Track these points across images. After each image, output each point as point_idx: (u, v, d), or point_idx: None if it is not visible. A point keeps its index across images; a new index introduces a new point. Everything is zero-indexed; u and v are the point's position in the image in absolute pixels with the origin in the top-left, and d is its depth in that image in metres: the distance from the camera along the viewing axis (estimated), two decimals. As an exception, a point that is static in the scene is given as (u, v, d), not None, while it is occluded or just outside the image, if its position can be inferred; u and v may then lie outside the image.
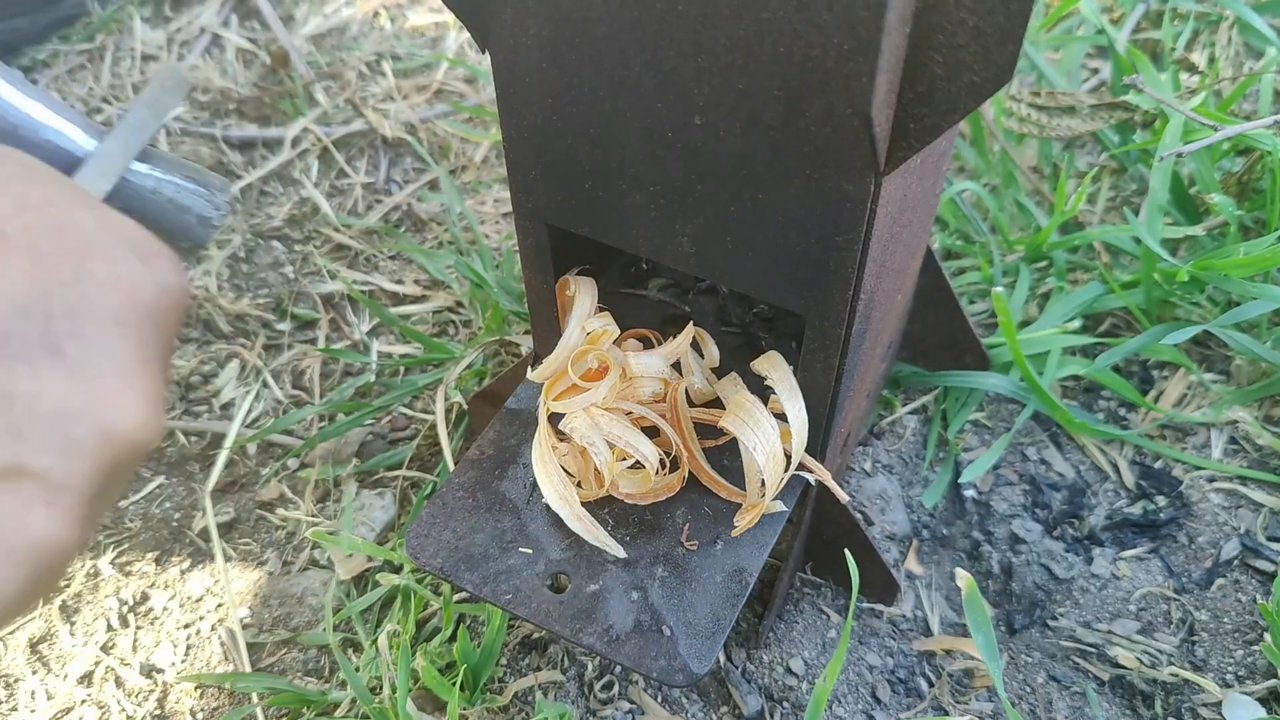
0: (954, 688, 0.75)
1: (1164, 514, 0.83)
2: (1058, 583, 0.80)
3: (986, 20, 0.40)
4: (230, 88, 1.29)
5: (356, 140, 1.23)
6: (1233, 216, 0.90)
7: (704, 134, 0.50)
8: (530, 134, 0.56)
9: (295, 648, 0.79)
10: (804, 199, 0.50)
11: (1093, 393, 0.93)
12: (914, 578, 0.81)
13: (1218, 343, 0.93)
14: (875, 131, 0.44)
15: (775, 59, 0.44)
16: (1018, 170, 1.04)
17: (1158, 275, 0.90)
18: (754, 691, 0.74)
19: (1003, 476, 0.87)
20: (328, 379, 0.98)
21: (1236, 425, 0.88)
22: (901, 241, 0.62)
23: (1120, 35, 1.12)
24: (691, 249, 0.56)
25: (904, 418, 0.91)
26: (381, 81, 1.30)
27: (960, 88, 0.43)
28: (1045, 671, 0.76)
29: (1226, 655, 0.75)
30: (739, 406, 0.61)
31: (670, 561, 0.62)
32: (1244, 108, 1.09)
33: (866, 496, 0.85)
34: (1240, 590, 0.78)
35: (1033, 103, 1.02)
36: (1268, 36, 1.08)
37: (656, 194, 0.54)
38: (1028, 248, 0.99)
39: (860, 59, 0.42)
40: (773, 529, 0.64)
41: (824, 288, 0.54)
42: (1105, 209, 1.06)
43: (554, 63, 0.51)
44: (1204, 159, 0.94)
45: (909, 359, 0.93)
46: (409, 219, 1.14)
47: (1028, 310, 0.96)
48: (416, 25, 1.41)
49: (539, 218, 0.61)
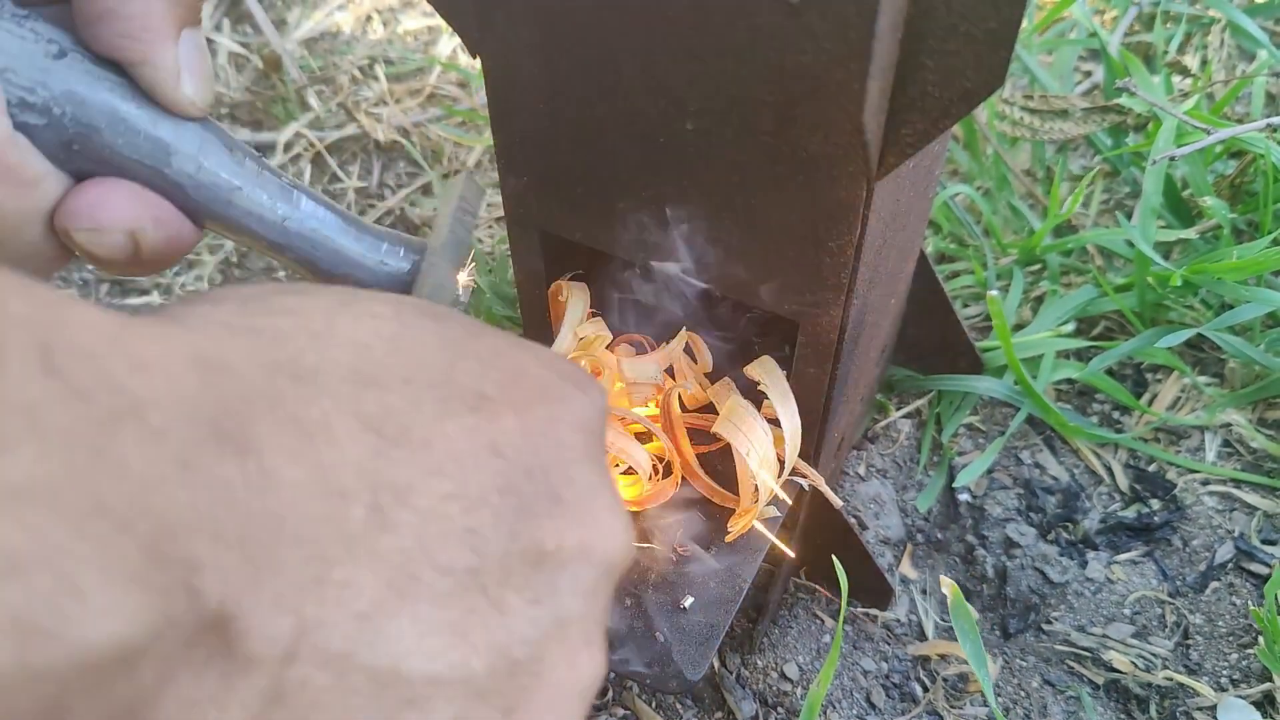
0: (948, 692, 0.75)
1: (1158, 517, 0.83)
2: (1052, 586, 0.80)
3: (978, 26, 0.40)
4: (222, 92, 1.29)
5: (349, 145, 1.23)
6: (1226, 220, 0.90)
7: (695, 140, 0.49)
8: (522, 140, 0.56)
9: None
10: (796, 205, 0.50)
11: (1086, 396, 0.93)
12: (908, 582, 0.81)
13: (1211, 346, 0.93)
14: (867, 137, 0.44)
15: (767, 65, 0.44)
16: (1011, 174, 1.05)
17: (1151, 279, 0.90)
18: (748, 697, 0.74)
19: (997, 480, 0.87)
20: (320, 384, 0.97)
21: (1230, 428, 0.88)
22: (895, 246, 0.62)
23: (1113, 38, 1.12)
24: (684, 254, 0.56)
25: (898, 422, 0.91)
26: (374, 86, 1.30)
27: (952, 93, 0.43)
28: (1040, 676, 0.76)
29: (1221, 659, 0.75)
30: (732, 412, 0.61)
31: (663, 567, 0.62)
32: (1236, 110, 1.09)
33: (860, 501, 0.85)
34: (1235, 594, 0.78)
35: (1026, 106, 1.02)
36: (1259, 40, 1.08)
37: (648, 199, 0.54)
38: (1021, 251, 0.99)
39: (852, 65, 0.42)
40: (766, 535, 0.64)
41: (817, 293, 0.54)
42: (1098, 212, 1.06)
43: (545, 68, 0.51)
44: (1197, 162, 0.94)
45: (903, 363, 0.93)
46: (402, 224, 1.14)
47: (1021, 314, 0.96)
48: (409, 29, 1.41)
49: (531, 223, 0.61)
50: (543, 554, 0.33)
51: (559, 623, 0.33)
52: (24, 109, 0.38)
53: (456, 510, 0.31)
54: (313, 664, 0.28)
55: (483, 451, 0.32)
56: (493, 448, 0.33)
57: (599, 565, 0.35)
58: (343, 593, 0.28)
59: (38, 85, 0.38)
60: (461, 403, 0.33)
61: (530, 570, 0.33)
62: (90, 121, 0.39)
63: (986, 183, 1.07)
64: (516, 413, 0.34)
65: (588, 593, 0.34)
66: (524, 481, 0.33)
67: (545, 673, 0.33)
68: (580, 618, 0.34)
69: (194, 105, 0.41)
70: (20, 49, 0.38)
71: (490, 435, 0.33)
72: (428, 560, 0.30)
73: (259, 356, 0.29)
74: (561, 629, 0.34)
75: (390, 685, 0.29)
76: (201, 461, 0.25)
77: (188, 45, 0.41)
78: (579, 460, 0.35)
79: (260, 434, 0.27)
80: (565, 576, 0.34)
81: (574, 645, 0.34)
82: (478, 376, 0.34)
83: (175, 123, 0.41)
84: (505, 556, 0.32)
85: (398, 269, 0.48)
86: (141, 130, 0.40)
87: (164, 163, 0.41)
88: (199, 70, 0.41)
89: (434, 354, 0.34)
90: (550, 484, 0.34)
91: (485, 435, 0.33)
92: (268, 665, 0.27)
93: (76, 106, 0.39)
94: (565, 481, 0.34)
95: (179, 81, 0.40)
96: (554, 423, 0.35)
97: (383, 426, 0.30)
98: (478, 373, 0.34)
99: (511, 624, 0.32)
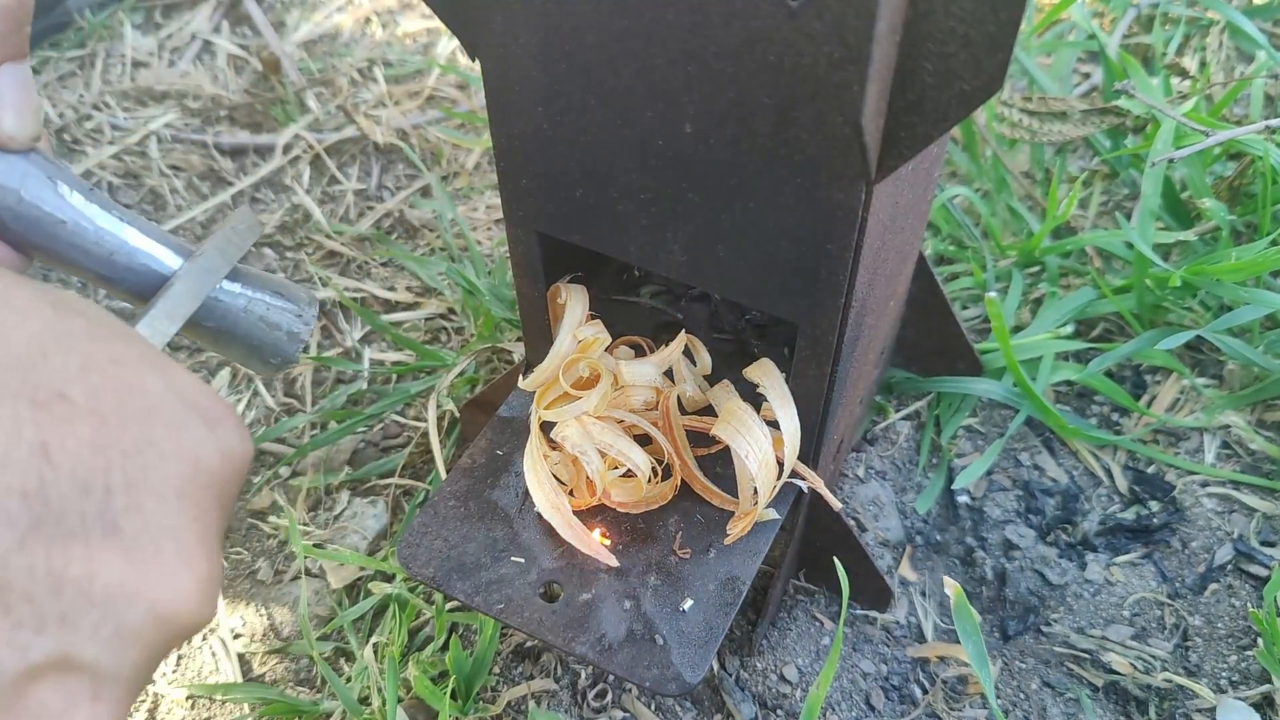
0: (948, 694, 0.75)
1: (1157, 519, 0.83)
2: (1051, 589, 0.80)
3: (976, 29, 0.40)
4: (222, 94, 1.29)
5: (348, 147, 1.23)
6: (1224, 221, 0.90)
7: (695, 142, 0.49)
8: (521, 142, 0.56)
9: (287, 658, 0.79)
10: (795, 207, 0.50)
11: (1085, 398, 0.93)
12: (907, 584, 0.81)
13: (1210, 347, 0.93)
14: (866, 140, 0.44)
15: (765, 67, 0.44)
16: (1010, 175, 1.05)
17: (1150, 280, 0.90)
18: (748, 699, 0.74)
19: (996, 482, 0.87)
20: (320, 387, 0.97)
21: (1229, 430, 0.88)
22: (893, 248, 0.62)
23: (1111, 40, 1.12)
24: (683, 257, 0.56)
25: (897, 424, 0.91)
26: (373, 88, 1.30)
27: (951, 96, 0.43)
28: (1039, 678, 0.75)
29: (1220, 660, 0.75)
30: (731, 414, 0.61)
31: (663, 570, 0.62)
32: (1235, 112, 1.09)
33: (860, 503, 0.85)
34: (1234, 595, 0.78)
35: (1024, 108, 1.02)
36: (1258, 41, 1.08)
37: (647, 202, 0.54)
38: (1020, 253, 0.99)
39: (850, 68, 0.42)
40: (766, 536, 0.64)
41: (816, 296, 0.54)
42: (1097, 214, 1.06)
43: (544, 71, 0.51)
44: (1195, 164, 0.94)
45: (902, 365, 0.93)
46: (401, 226, 1.14)
47: (1020, 315, 0.96)
48: (408, 31, 1.41)
49: (530, 226, 0.61)
50: (62, 580, 0.30)
51: (64, 664, 0.30)
52: None
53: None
54: None
55: (25, 449, 0.30)
56: (42, 449, 0.30)
57: (144, 615, 0.31)
58: None
59: None
60: (25, 394, 0.30)
61: (42, 593, 0.29)
62: None
63: (985, 185, 1.07)
64: (98, 424, 0.32)
65: (114, 641, 0.31)
66: (71, 495, 0.30)
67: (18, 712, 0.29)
68: (99, 665, 0.31)
69: (13, 140, 0.41)
70: None
71: (44, 435, 0.30)
72: None
73: None
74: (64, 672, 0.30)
75: None
76: None
77: (7, 80, 0.40)
78: (165, 497, 0.33)
79: None
80: (91, 615, 0.30)
81: (73, 695, 0.30)
82: (67, 377, 0.32)
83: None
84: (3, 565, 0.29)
85: (232, 305, 0.48)
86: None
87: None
88: (21, 104, 0.40)
89: (24, 339, 0.31)
90: (109, 509, 0.31)
91: (38, 434, 0.30)
92: None
93: None
94: (130, 510, 0.31)
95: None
96: (146, 447, 0.33)
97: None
98: (71, 373, 0.32)
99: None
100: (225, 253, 0.47)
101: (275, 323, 0.49)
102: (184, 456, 0.34)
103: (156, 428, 0.33)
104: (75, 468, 0.31)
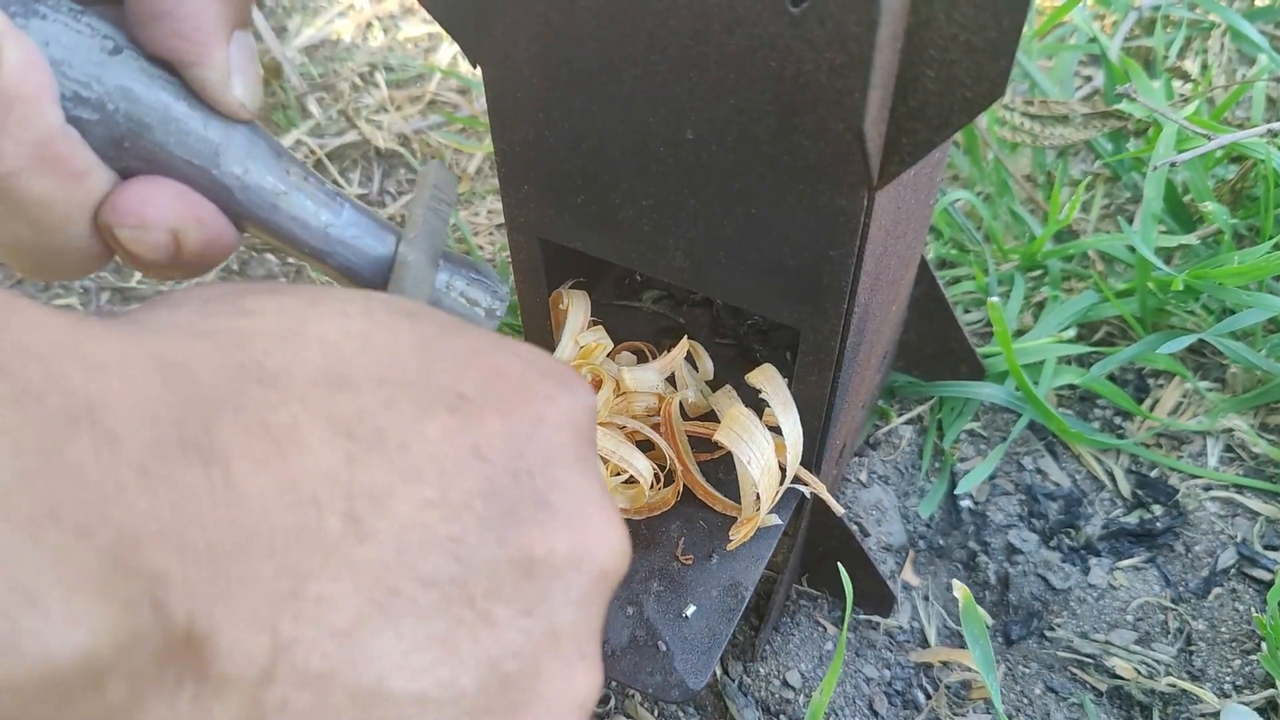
0: (951, 700, 0.75)
1: (1160, 523, 0.83)
2: (1054, 593, 0.80)
3: (979, 36, 0.40)
4: (223, 99, 1.29)
5: (350, 152, 1.23)
6: (1227, 225, 0.90)
7: (696, 149, 0.49)
8: (522, 148, 0.56)
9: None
10: (797, 213, 0.50)
11: (1088, 402, 0.92)
12: (910, 589, 0.81)
13: (1213, 351, 0.93)
14: (868, 146, 0.44)
15: (767, 74, 0.44)
16: (1011, 179, 1.05)
17: (1152, 284, 0.90)
18: (751, 705, 0.74)
19: (999, 486, 0.87)
20: (321, 392, 0.97)
21: (1232, 433, 0.88)
22: (895, 253, 0.62)
23: (1113, 44, 1.12)
24: (684, 263, 0.56)
25: (899, 428, 0.91)
26: (374, 93, 1.30)
27: (953, 102, 0.43)
28: (1043, 682, 0.75)
29: (1224, 665, 0.75)
30: (733, 420, 0.61)
31: (665, 576, 0.62)
32: (1237, 115, 1.09)
33: (862, 507, 0.85)
34: (1237, 599, 0.78)
35: (1026, 111, 1.02)
36: (1260, 44, 1.08)
37: (649, 208, 0.54)
38: (1022, 256, 0.99)
39: (852, 74, 0.42)
40: (768, 542, 0.64)
41: (818, 301, 0.54)
42: (1099, 217, 1.06)
43: (545, 78, 0.51)
44: (1198, 167, 0.94)
45: (904, 369, 0.93)
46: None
47: (1022, 319, 0.96)
48: (409, 36, 1.41)
49: (531, 232, 0.61)
50: (532, 562, 0.31)
51: (552, 634, 0.32)
52: (77, 103, 0.38)
53: (438, 517, 0.29)
54: (291, 684, 0.27)
55: (464, 454, 0.31)
56: (475, 450, 0.31)
57: (592, 573, 0.33)
58: (319, 608, 0.27)
59: (93, 80, 0.38)
60: (440, 403, 0.31)
61: (520, 579, 0.31)
62: (143, 119, 0.39)
63: (987, 188, 1.07)
64: (499, 413, 0.32)
65: (582, 602, 0.33)
66: (509, 486, 0.31)
67: (539, 688, 0.32)
68: (574, 628, 0.33)
69: (243, 108, 0.41)
70: (76, 43, 0.37)
71: (472, 437, 0.31)
72: (409, 571, 0.29)
73: (223, 359, 0.28)
74: (555, 641, 0.32)
75: (375, 705, 0.28)
76: (163, 469, 0.24)
77: (239, 47, 0.40)
78: (567, 463, 0.34)
79: (226, 440, 0.26)
80: (557, 585, 0.32)
81: (569, 658, 0.33)
82: (456, 375, 0.32)
83: (225, 124, 0.41)
84: (492, 565, 0.30)
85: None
86: (192, 130, 0.40)
87: (212, 164, 0.41)
88: (249, 73, 0.41)
89: (408, 352, 0.32)
90: (537, 488, 0.32)
91: (466, 437, 0.31)
92: (243, 686, 0.26)
93: (130, 103, 0.39)
94: (553, 485, 0.33)
95: (230, 83, 0.40)
96: (539, 423, 0.33)
97: (356, 430, 0.29)
98: (456, 371, 0.32)
99: (501, 637, 0.31)
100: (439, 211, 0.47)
101: (475, 299, 0.48)
102: (564, 423, 0.34)
103: (536, 403, 0.34)
104: (502, 459, 0.32)
